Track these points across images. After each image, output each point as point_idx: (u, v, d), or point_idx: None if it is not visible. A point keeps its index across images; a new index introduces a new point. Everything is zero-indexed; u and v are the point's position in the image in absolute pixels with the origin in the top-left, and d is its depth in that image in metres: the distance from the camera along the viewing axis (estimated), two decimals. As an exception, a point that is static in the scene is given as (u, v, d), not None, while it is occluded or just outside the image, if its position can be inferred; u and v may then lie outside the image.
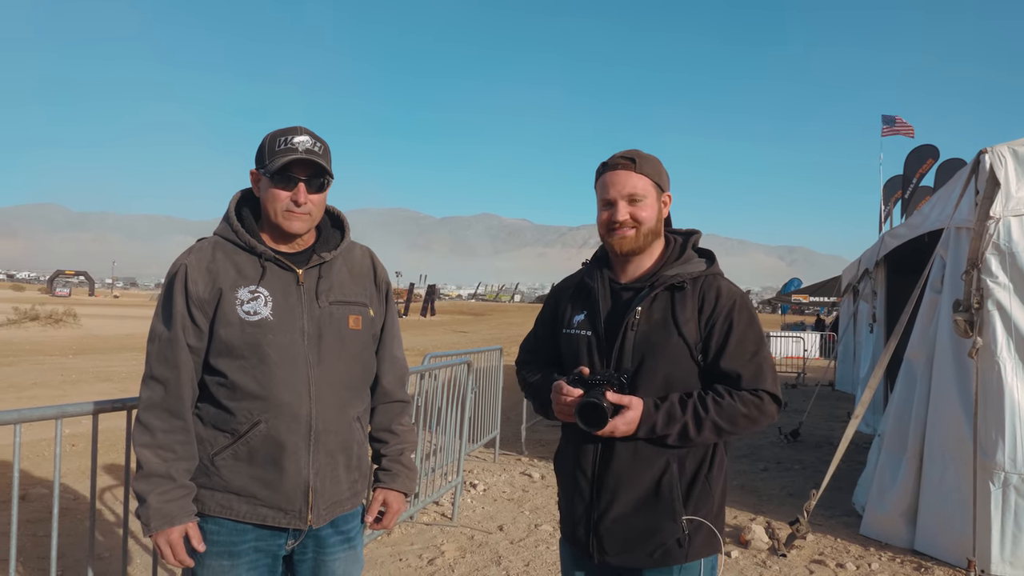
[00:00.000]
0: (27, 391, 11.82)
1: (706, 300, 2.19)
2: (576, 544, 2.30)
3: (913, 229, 7.45)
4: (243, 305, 2.16)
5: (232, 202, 2.34)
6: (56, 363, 15.99)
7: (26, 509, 5.60)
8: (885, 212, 17.77)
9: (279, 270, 2.24)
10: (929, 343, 5.60)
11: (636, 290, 2.25)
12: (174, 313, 2.15)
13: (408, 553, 5.12)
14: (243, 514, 2.16)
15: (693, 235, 2.36)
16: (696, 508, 2.17)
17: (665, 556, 2.16)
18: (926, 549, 5.38)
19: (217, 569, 2.17)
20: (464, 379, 6.37)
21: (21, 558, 4.63)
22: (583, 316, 2.31)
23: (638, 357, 2.17)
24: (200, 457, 2.18)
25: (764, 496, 7.05)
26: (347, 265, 2.37)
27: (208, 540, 2.16)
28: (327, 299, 2.26)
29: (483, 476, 7.40)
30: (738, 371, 2.14)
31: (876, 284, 10.44)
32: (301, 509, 2.19)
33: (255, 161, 2.26)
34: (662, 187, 2.27)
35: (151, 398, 2.15)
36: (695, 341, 2.16)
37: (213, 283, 2.17)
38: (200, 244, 2.28)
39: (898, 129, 18.23)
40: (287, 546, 2.25)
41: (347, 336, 2.29)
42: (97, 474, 2.93)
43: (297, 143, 2.18)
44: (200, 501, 2.17)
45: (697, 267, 2.26)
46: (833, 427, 11.02)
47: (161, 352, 2.16)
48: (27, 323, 26.90)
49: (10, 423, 2.48)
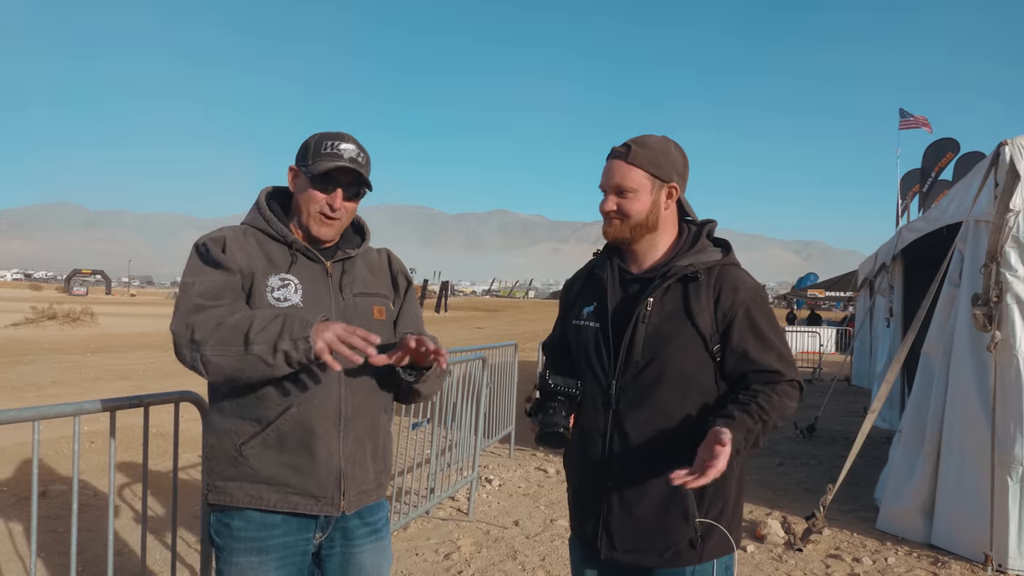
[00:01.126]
0: (46, 389, 11.94)
1: (723, 292, 2.11)
2: (585, 540, 2.25)
3: (931, 223, 7.39)
4: (273, 292, 2.16)
5: (262, 194, 2.37)
6: (74, 361, 16.14)
7: (47, 505, 5.67)
8: (902, 206, 17.63)
9: (308, 261, 2.26)
10: (947, 337, 5.56)
11: (647, 281, 2.18)
12: (226, 263, 2.13)
13: (424, 548, 5.15)
14: (274, 503, 2.13)
15: (708, 224, 2.29)
16: (710, 508, 2.11)
17: (677, 556, 2.11)
18: (943, 543, 5.35)
19: (245, 566, 2.13)
20: (479, 375, 6.39)
21: (42, 554, 4.69)
22: (592, 307, 2.26)
23: (650, 351, 2.10)
24: (227, 448, 2.14)
25: (780, 491, 7.03)
26: (366, 264, 2.41)
27: (235, 536, 2.14)
28: (351, 291, 2.29)
29: (498, 471, 7.42)
30: (770, 364, 2.09)
31: (893, 278, 10.36)
32: (333, 495, 2.17)
33: (297, 158, 2.29)
34: (661, 178, 2.17)
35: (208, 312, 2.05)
36: (710, 333, 2.09)
37: (248, 264, 2.17)
38: (231, 227, 2.28)
39: (916, 122, 18.08)
40: (315, 539, 2.23)
41: (373, 326, 2.28)
42: (115, 470, 2.96)
43: (343, 150, 2.21)
44: (228, 493, 2.14)
45: (712, 256, 2.18)
46: (849, 422, 10.97)
47: (210, 290, 2.10)
48: (45, 322, 27.13)
49: (29, 420, 2.51)
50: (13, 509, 5.64)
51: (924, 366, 5.87)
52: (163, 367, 15.60)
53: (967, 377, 5.25)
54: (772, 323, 2.15)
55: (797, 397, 2.12)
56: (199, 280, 2.11)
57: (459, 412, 6.17)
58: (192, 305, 2.06)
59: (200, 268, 2.15)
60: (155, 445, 5.36)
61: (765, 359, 2.09)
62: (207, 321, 2.01)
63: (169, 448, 3.19)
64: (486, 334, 31.05)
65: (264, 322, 1.99)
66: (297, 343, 1.94)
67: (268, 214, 2.28)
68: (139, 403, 2.79)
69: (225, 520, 2.16)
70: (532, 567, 4.87)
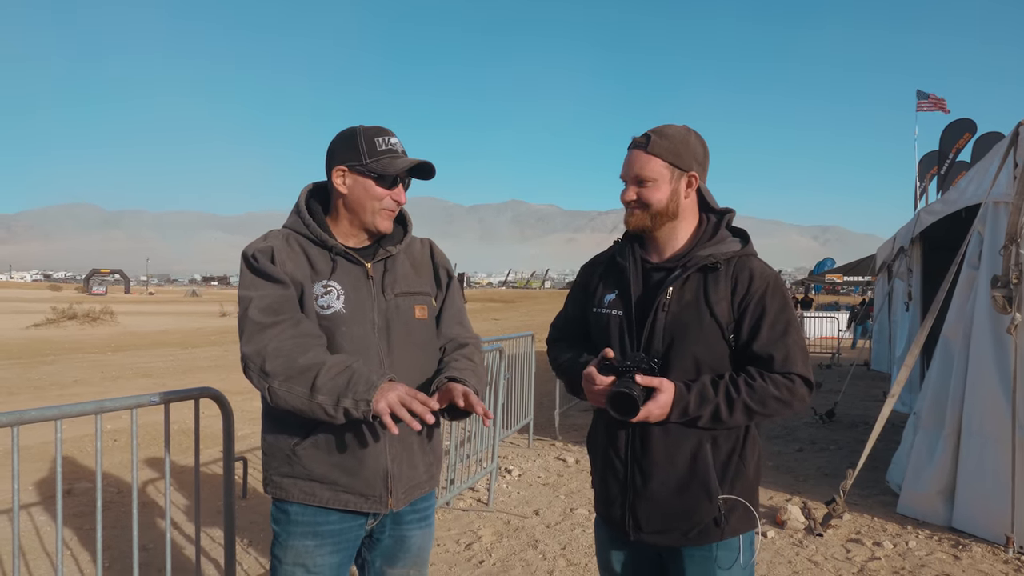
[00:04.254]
0: (69, 388, 12.08)
1: (739, 281, 2.16)
2: (612, 523, 2.30)
3: (949, 205, 7.32)
4: (317, 299, 2.20)
5: (302, 196, 2.37)
6: (95, 360, 16.31)
7: (73, 503, 5.75)
8: (920, 189, 17.45)
9: (348, 264, 2.27)
10: (966, 320, 5.52)
11: (668, 270, 2.22)
12: (278, 275, 2.15)
13: (445, 538, 5.18)
14: (326, 500, 2.21)
15: (727, 214, 2.30)
16: (731, 486, 2.17)
17: (702, 534, 2.17)
18: (964, 526, 5.33)
19: (301, 550, 2.22)
20: (496, 366, 6.41)
21: (70, 551, 4.77)
22: (614, 295, 2.29)
23: (668, 338, 2.15)
24: (282, 447, 2.21)
25: (800, 476, 7.02)
26: (409, 258, 2.42)
27: (292, 521, 2.23)
28: (392, 291, 2.30)
29: (518, 462, 7.45)
30: (770, 353, 2.11)
31: (912, 262, 10.28)
32: (381, 494, 2.24)
33: (342, 157, 2.27)
34: (680, 167, 2.20)
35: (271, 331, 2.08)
36: (727, 322, 2.14)
37: (298, 273, 2.20)
38: (274, 233, 2.30)
39: (933, 104, 17.86)
40: (367, 525, 2.32)
41: (414, 326, 2.33)
42: (139, 467, 3.00)
43: (394, 144, 2.26)
44: (283, 488, 2.22)
45: (731, 247, 2.22)
46: (868, 407, 10.92)
47: (270, 305, 2.12)
48: (65, 322, 27.44)
49: (51, 419, 2.55)
50: (41, 507, 5.72)
51: (943, 349, 5.83)
52: (183, 364, 15.74)
53: (987, 360, 5.21)
54: (784, 314, 2.15)
55: (792, 391, 2.10)
56: (256, 296, 2.13)
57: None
58: (255, 324, 2.09)
59: (254, 282, 2.17)
60: (177, 441, 5.44)
61: (764, 348, 2.12)
62: (279, 351, 2.05)
63: (192, 444, 3.23)
64: (503, 325, 31.07)
65: (332, 372, 2.04)
66: (359, 404, 2.01)
67: (308, 218, 2.28)
68: (160, 400, 2.82)
69: (283, 507, 2.24)
70: (553, 556, 4.90)
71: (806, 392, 2.14)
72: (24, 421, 2.44)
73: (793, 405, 2.12)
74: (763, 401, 2.08)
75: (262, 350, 2.06)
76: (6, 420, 2.41)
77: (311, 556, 2.23)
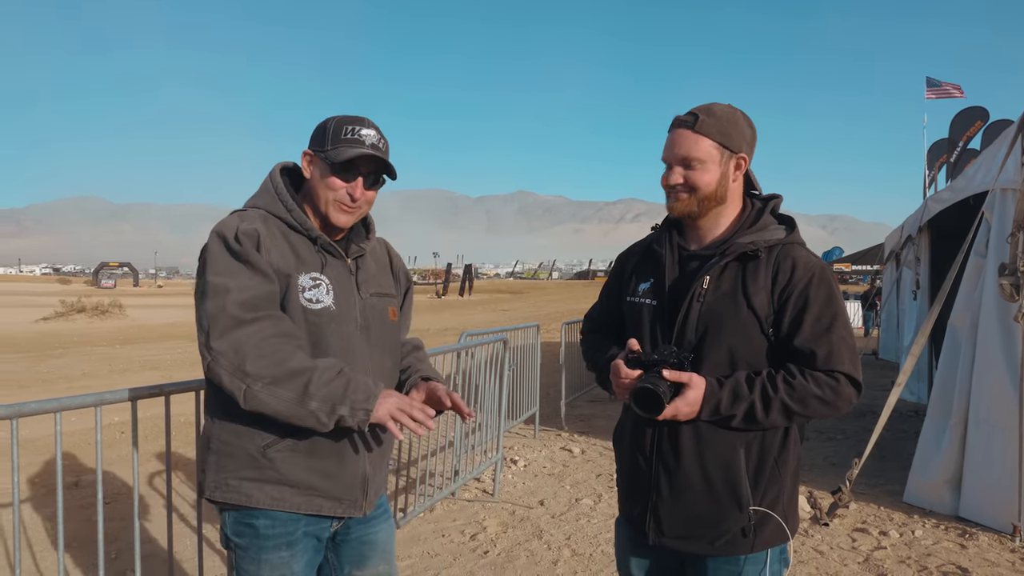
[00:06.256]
0: (77, 381, 12.13)
1: (781, 270, 2.01)
2: (633, 524, 2.19)
3: (957, 192, 7.27)
4: (304, 292, 2.06)
5: (276, 175, 2.21)
6: (104, 353, 16.37)
7: (80, 495, 5.78)
8: (929, 177, 17.33)
9: (332, 257, 2.17)
10: (974, 308, 5.48)
11: (705, 258, 2.09)
12: (263, 266, 1.98)
13: (451, 529, 5.19)
14: (297, 505, 2.09)
15: (773, 199, 2.17)
16: (764, 495, 2.03)
17: (729, 545, 2.03)
18: (971, 516, 5.31)
19: (276, 562, 2.10)
20: (501, 356, 6.40)
21: (75, 543, 4.78)
22: (648, 284, 2.18)
23: (702, 329, 2.02)
24: (246, 448, 2.05)
25: (806, 466, 6.99)
26: (373, 258, 2.34)
27: (262, 535, 2.08)
28: (368, 291, 2.22)
29: (523, 452, 7.45)
30: (812, 349, 1.96)
31: (920, 250, 10.23)
32: (357, 498, 2.17)
33: (312, 142, 2.16)
34: (730, 148, 2.05)
35: (250, 328, 1.92)
36: (766, 314, 2.00)
37: (283, 264, 2.05)
38: (251, 215, 2.10)
39: (944, 91, 17.70)
40: (331, 528, 2.23)
41: (388, 328, 2.27)
42: (144, 460, 3.00)
43: (364, 136, 2.11)
44: (245, 493, 2.06)
45: (775, 235, 2.08)
46: (876, 396, 10.85)
47: (251, 300, 1.95)
48: (74, 315, 27.52)
49: (51, 412, 2.53)
50: (46, 500, 5.75)
51: (951, 338, 5.80)
52: (192, 357, 15.79)
53: (994, 348, 5.18)
54: (830, 308, 1.99)
55: (836, 390, 1.96)
56: (236, 285, 1.94)
57: (483, 394, 6.19)
58: (232, 319, 1.91)
59: (234, 268, 1.97)
60: (184, 433, 5.44)
61: (806, 344, 1.97)
62: (261, 351, 1.90)
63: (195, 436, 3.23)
64: (510, 316, 31.03)
65: (326, 377, 1.93)
66: (356, 412, 1.94)
67: (289, 201, 2.14)
68: (159, 392, 2.82)
69: (247, 520, 2.10)
70: (558, 546, 4.90)
71: (853, 393, 1.99)
72: (23, 414, 2.43)
73: (837, 406, 1.97)
74: (803, 400, 1.94)
75: (240, 347, 1.89)
76: (5, 413, 2.40)
77: (288, 566, 2.11)
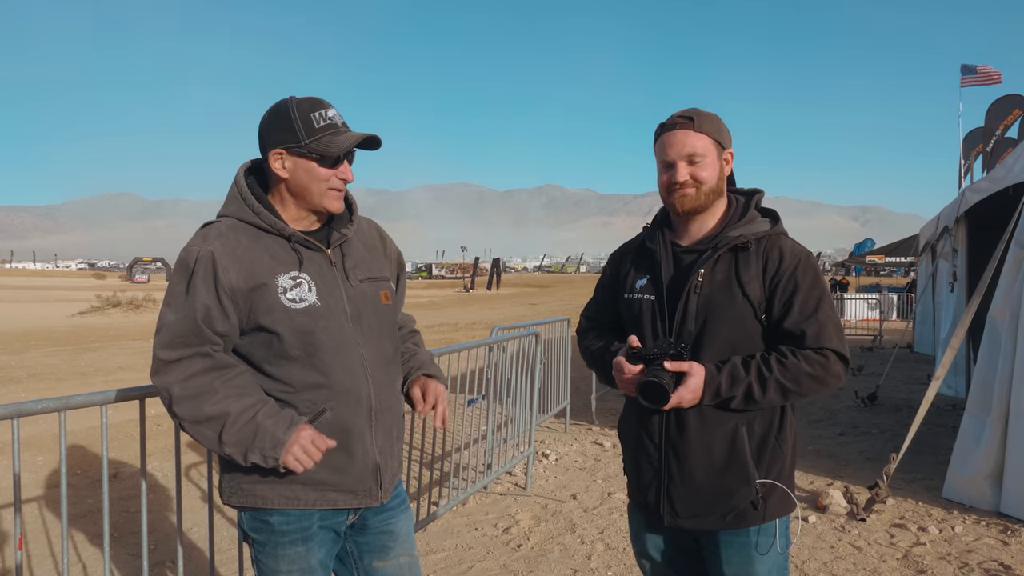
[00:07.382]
0: (114, 374, 12.36)
1: (770, 259, 2.15)
2: (647, 509, 2.29)
3: (996, 183, 7.13)
4: (286, 293, 2.04)
5: (240, 178, 2.15)
6: (139, 347, 16.61)
7: (120, 487, 5.89)
8: (965, 167, 17.04)
9: (309, 252, 2.12)
10: (1014, 301, 5.38)
11: (699, 252, 2.21)
12: (196, 305, 1.98)
13: (483, 523, 5.21)
14: (312, 502, 2.11)
15: (756, 194, 2.31)
16: (768, 469, 2.16)
17: (740, 518, 2.15)
18: (1013, 511, 5.21)
19: (294, 557, 2.12)
20: (532, 350, 6.40)
21: (116, 533, 4.87)
22: (645, 280, 2.28)
23: (701, 319, 2.14)
24: None
25: (841, 461, 6.92)
26: (361, 241, 2.29)
27: (277, 531, 2.11)
28: (356, 277, 2.19)
29: (555, 446, 7.45)
30: (802, 329, 2.09)
31: (956, 242, 10.05)
32: (371, 488, 2.18)
33: (277, 137, 2.07)
34: (723, 144, 2.22)
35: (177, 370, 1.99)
36: (759, 301, 2.13)
37: (250, 273, 2.02)
38: (216, 229, 2.08)
39: (980, 79, 17.35)
40: (348, 520, 2.24)
41: (381, 312, 2.24)
42: (181, 451, 3.03)
43: (333, 117, 2.07)
44: (259, 495, 2.09)
45: (761, 227, 2.22)
46: (912, 390, 10.73)
47: (177, 338, 2.00)
48: (109, 309, 27.96)
49: (54, 411, 2.50)
50: (87, 491, 5.86)
51: (990, 331, 5.70)
52: (224, 351, 15.97)
53: (1036, 341, 5.08)
54: (816, 290, 2.13)
55: (825, 367, 2.07)
56: (169, 321, 2.00)
57: (514, 388, 6.20)
58: (159, 362, 2.00)
59: (177, 299, 2.01)
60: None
61: (796, 324, 2.10)
62: (183, 394, 1.98)
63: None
64: (539, 310, 31.02)
65: (237, 425, 1.97)
66: (267, 459, 1.98)
67: (257, 205, 2.09)
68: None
69: (262, 517, 2.12)
70: (591, 540, 4.90)
71: (841, 368, 2.10)
72: (23, 413, 2.40)
73: (827, 381, 2.08)
74: (796, 378, 2.06)
75: (168, 387, 1.99)
76: (6, 412, 2.37)
77: (306, 559, 2.14)
